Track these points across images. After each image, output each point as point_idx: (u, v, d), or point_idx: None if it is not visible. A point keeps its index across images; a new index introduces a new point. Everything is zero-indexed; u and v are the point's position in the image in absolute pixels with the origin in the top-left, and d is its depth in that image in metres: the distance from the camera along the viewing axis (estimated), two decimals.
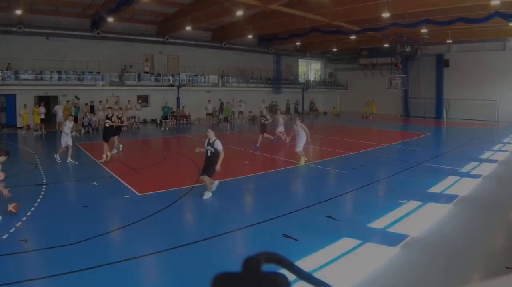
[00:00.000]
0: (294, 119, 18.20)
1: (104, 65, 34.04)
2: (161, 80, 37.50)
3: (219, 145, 11.13)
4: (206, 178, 11.28)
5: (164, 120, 33.14)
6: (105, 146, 17.16)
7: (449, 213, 10.48)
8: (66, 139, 16.67)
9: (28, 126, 27.87)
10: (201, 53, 41.25)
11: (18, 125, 29.21)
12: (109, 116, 18.17)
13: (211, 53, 42.09)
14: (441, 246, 8.27)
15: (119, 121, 18.73)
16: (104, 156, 16.88)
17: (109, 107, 20.30)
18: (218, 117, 36.37)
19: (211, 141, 11.27)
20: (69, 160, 16.67)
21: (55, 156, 16.77)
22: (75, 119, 27.37)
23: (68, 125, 17.09)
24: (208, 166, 11.29)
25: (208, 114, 34.80)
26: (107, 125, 17.94)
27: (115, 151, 18.62)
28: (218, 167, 11.09)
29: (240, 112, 37.42)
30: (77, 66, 32.74)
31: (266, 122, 21.41)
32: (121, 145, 19.49)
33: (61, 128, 18.60)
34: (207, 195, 11.43)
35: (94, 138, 24.47)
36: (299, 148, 16.73)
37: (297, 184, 15.16)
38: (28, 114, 27.78)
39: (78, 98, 30.76)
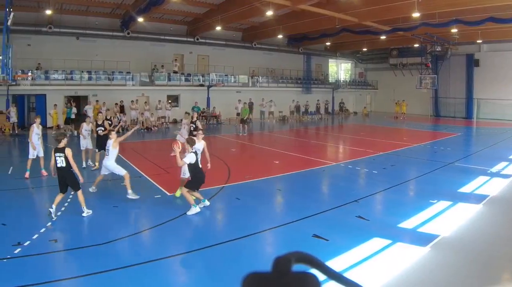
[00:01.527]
0: (197, 132, 13.47)
1: (134, 65, 34.49)
2: (191, 80, 37.76)
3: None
4: (183, 190, 10.26)
5: None
6: (98, 154, 15.75)
7: (480, 213, 10.29)
8: (85, 143, 16.05)
9: (58, 126, 28.11)
10: (231, 53, 41.45)
11: (48, 125, 29.18)
12: (100, 123, 16.12)
13: (241, 53, 42.25)
14: (471, 246, 8.13)
15: (110, 124, 16.89)
16: (97, 163, 15.62)
17: (99, 113, 18.01)
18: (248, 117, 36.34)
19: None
20: (90, 163, 16.28)
21: (83, 166, 15.64)
22: (68, 121, 27.60)
23: (86, 127, 16.18)
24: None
25: (238, 114, 34.91)
26: (100, 133, 15.77)
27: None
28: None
29: (271, 113, 37.50)
30: (107, 66, 33.20)
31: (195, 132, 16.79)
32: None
33: (79, 131, 17.53)
34: (191, 211, 10.09)
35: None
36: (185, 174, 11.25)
37: (327, 184, 15.04)
38: (58, 114, 28.23)
39: (70, 99, 30.16)
